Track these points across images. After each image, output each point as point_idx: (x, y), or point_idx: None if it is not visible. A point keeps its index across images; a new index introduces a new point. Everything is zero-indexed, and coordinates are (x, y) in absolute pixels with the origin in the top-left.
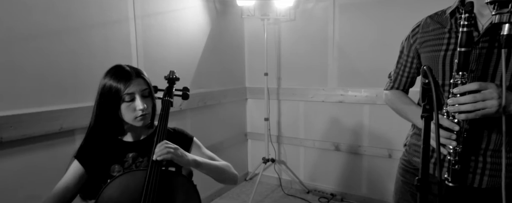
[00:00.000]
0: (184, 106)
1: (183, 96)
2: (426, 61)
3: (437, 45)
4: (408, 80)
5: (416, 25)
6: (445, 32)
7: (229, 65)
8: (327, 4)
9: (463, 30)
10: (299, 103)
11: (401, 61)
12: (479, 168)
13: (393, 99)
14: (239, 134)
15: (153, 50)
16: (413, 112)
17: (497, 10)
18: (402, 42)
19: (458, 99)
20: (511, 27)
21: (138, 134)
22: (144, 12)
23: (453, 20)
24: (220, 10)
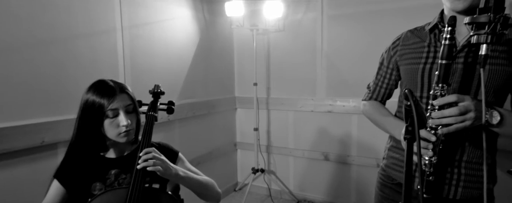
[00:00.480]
0: (172, 117)
1: (168, 111)
2: (405, 74)
3: (417, 58)
4: (387, 92)
5: (396, 38)
6: (424, 46)
7: (219, 75)
8: (316, 15)
9: (445, 43)
10: (288, 113)
11: (381, 73)
12: (454, 180)
13: (371, 110)
14: (229, 144)
15: (140, 61)
16: (390, 124)
17: (475, 31)
18: (382, 54)
19: (443, 112)
20: (488, 47)
21: (121, 150)
22: (132, 22)
23: (433, 35)
24: (209, 20)
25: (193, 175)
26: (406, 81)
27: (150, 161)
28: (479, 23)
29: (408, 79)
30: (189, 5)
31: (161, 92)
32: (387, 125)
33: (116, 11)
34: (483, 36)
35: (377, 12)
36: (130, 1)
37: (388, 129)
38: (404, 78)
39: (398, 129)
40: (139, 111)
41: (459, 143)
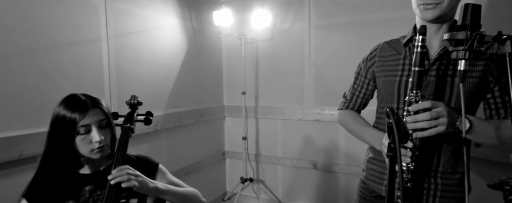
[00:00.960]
0: (159, 126)
1: (145, 122)
2: (382, 85)
3: (393, 71)
4: (363, 101)
5: (373, 49)
6: (400, 58)
7: (207, 84)
8: (303, 24)
9: (417, 51)
10: (277, 121)
11: (358, 82)
12: (431, 190)
13: (347, 119)
14: (217, 153)
15: (126, 70)
16: (371, 135)
17: (454, 47)
18: (359, 64)
19: (415, 117)
20: (466, 63)
21: (96, 165)
22: (118, 31)
23: (407, 48)
24: (197, 29)
25: (174, 188)
26: (383, 92)
27: (124, 177)
28: (457, 40)
29: (385, 91)
30: (177, 14)
31: (138, 103)
32: (366, 135)
33: (102, 20)
34: (461, 53)
35: (362, 22)
36: (117, 10)
37: (367, 140)
38: (381, 89)
39: (378, 140)
40: (114, 125)
41: (434, 154)
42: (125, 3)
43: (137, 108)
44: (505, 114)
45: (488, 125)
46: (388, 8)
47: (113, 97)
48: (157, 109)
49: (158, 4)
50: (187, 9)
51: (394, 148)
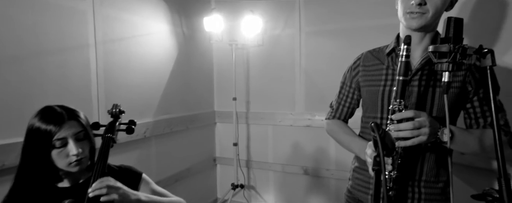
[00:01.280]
0: (148, 133)
1: (128, 131)
2: (366, 95)
3: (376, 81)
4: (349, 111)
5: (357, 58)
6: (383, 68)
7: (198, 90)
8: (294, 31)
9: (402, 60)
10: (268, 127)
11: (343, 92)
12: (415, 199)
13: (335, 129)
14: (208, 159)
15: (115, 76)
16: (357, 145)
17: (438, 59)
18: (344, 74)
19: (398, 126)
20: (450, 74)
21: (75, 178)
22: (107, 37)
23: (390, 59)
24: (188, 35)
25: (158, 198)
26: (367, 102)
27: (104, 190)
28: (441, 52)
29: (369, 100)
30: (167, 20)
31: (120, 112)
32: (352, 145)
33: (90, 26)
34: (445, 65)
35: (352, 29)
36: (105, 17)
37: (353, 149)
38: (365, 99)
39: (363, 149)
40: (92, 136)
41: (417, 163)
42: (114, 9)
43: (120, 117)
44: (484, 123)
45: (468, 134)
46: (377, 15)
47: (101, 104)
48: (147, 115)
49: (148, 11)
50: (178, 15)
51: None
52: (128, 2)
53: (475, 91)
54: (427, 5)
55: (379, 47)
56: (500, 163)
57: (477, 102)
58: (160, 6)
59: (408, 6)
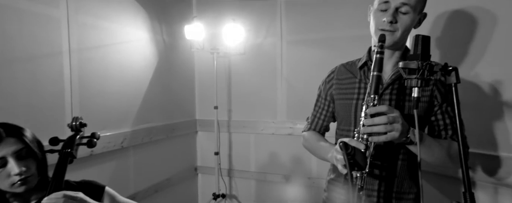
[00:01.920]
0: (126, 144)
1: (88, 145)
2: (340, 108)
3: (349, 94)
4: (324, 124)
5: (331, 71)
6: (356, 81)
7: (179, 98)
8: (275, 40)
9: (377, 56)
10: (250, 136)
11: (319, 104)
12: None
13: (309, 140)
14: (189, 168)
15: (91, 85)
16: (327, 151)
17: (408, 75)
18: (319, 86)
19: (373, 120)
20: (419, 90)
21: (26, 199)
22: (82, 45)
23: (362, 72)
24: (168, 43)
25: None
26: (341, 114)
27: (60, 200)
28: (411, 68)
29: (343, 113)
30: (147, 27)
31: (81, 125)
32: (322, 151)
33: (63, 33)
34: (414, 81)
35: (333, 39)
36: (81, 24)
37: (325, 156)
38: (339, 111)
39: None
40: (38, 152)
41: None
42: (90, 17)
43: (81, 130)
44: (445, 135)
45: (435, 141)
46: (357, 26)
47: (75, 114)
48: (125, 125)
49: (127, 18)
50: (158, 22)
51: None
52: (106, 9)
53: (439, 105)
54: (397, 23)
55: (352, 60)
56: (464, 177)
57: (441, 115)
58: (140, 13)
59: (380, 23)
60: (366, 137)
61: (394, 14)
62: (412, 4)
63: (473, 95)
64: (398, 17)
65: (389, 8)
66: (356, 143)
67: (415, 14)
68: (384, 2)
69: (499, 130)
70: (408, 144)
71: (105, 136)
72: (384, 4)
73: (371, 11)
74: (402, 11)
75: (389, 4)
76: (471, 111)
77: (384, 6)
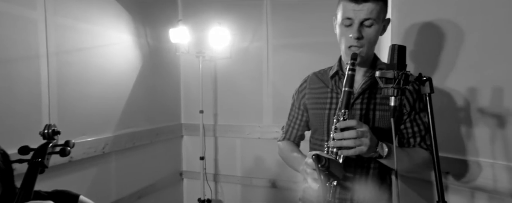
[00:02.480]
0: (107, 149)
1: (61, 153)
2: (313, 118)
3: (322, 104)
4: (299, 133)
5: (303, 81)
6: (328, 91)
7: (164, 102)
8: (261, 44)
9: (348, 73)
10: (236, 140)
11: (293, 114)
12: None
13: (283, 150)
14: (174, 173)
15: (71, 89)
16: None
17: (385, 84)
18: (293, 96)
19: (342, 134)
20: (396, 99)
21: None
22: (61, 48)
23: (334, 82)
24: (153, 46)
25: None
26: (314, 124)
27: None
28: (387, 78)
29: (316, 123)
30: (130, 30)
31: (54, 132)
32: (295, 163)
33: (40, 36)
34: (391, 90)
35: (318, 43)
36: (59, 26)
37: (297, 168)
38: (313, 121)
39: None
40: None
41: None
42: (70, 19)
43: (54, 138)
44: (414, 142)
45: (402, 151)
46: None
47: (53, 119)
48: (107, 130)
49: (109, 21)
50: (142, 25)
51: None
52: (86, 11)
53: (408, 114)
54: (363, 39)
55: (324, 68)
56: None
57: (409, 123)
58: (123, 16)
59: (347, 39)
60: (336, 151)
61: (360, 29)
62: (374, 16)
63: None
64: (363, 31)
65: (354, 24)
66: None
67: (380, 24)
68: (347, 18)
69: (466, 135)
70: (377, 158)
71: (86, 141)
72: (348, 20)
73: (335, 23)
74: (366, 24)
75: (352, 19)
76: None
77: (348, 21)
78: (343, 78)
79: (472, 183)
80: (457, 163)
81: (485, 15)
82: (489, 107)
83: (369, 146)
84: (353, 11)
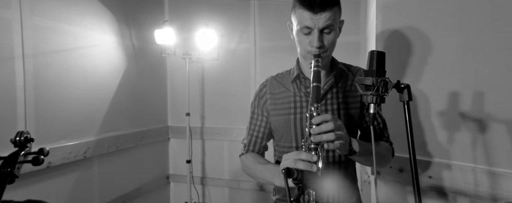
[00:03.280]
0: (89, 153)
1: (34, 162)
2: (277, 124)
3: (286, 109)
4: (263, 143)
5: (262, 86)
6: (290, 95)
7: (149, 104)
8: (249, 46)
9: (314, 70)
10: (223, 143)
11: (254, 122)
12: None
13: (249, 163)
14: (160, 177)
15: (49, 92)
16: (269, 171)
17: (364, 91)
18: (252, 103)
19: (320, 127)
20: (375, 106)
21: None
22: (39, 50)
23: (295, 85)
24: (138, 48)
25: None
26: (280, 131)
27: None
28: (366, 85)
29: (281, 130)
30: (114, 31)
31: (27, 140)
32: (265, 173)
33: (16, 37)
34: (370, 97)
35: None
36: (37, 27)
37: (266, 178)
38: (278, 128)
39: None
40: None
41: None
42: (48, 19)
43: (27, 146)
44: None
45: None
46: None
47: (29, 125)
48: (88, 134)
49: (92, 21)
50: (127, 26)
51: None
52: (67, 12)
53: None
54: (324, 46)
55: (281, 72)
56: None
57: (368, 117)
58: (106, 16)
59: (307, 48)
60: (314, 146)
61: (320, 38)
62: (332, 23)
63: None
64: (324, 39)
65: (313, 33)
66: (307, 155)
67: (337, 28)
68: (305, 27)
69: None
70: (350, 154)
71: (65, 146)
72: (307, 29)
73: (292, 30)
74: (326, 32)
75: (311, 29)
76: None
77: (307, 30)
78: (304, 81)
79: (454, 187)
80: (438, 167)
81: (467, 19)
82: (470, 111)
83: (345, 141)
84: (311, 19)
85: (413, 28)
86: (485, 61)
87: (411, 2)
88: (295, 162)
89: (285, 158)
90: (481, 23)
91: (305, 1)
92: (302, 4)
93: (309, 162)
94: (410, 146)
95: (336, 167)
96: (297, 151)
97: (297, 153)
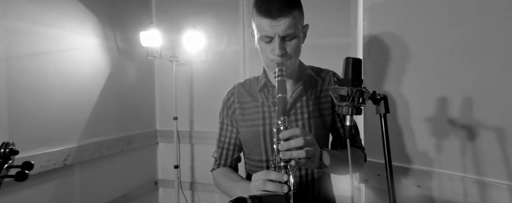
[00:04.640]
0: (70, 161)
1: (17, 178)
2: (246, 137)
3: (255, 120)
4: (235, 155)
5: (230, 94)
6: (259, 105)
7: (136, 108)
8: (238, 48)
9: (278, 79)
10: (213, 147)
11: (224, 134)
12: None
13: (220, 179)
14: (148, 182)
15: (25, 98)
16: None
17: (339, 102)
18: (220, 114)
19: (289, 143)
20: (351, 118)
21: None
22: (13, 53)
23: (263, 94)
24: (123, 50)
25: None
26: (249, 144)
27: None
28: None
29: (250, 143)
30: (97, 33)
31: (11, 152)
32: (237, 191)
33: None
34: (345, 108)
35: None
36: (10, 30)
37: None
38: (247, 140)
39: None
40: None
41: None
42: (23, 22)
43: (10, 159)
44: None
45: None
46: (320, 35)
47: (2, 131)
48: (69, 140)
49: (73, 23)
50: (111, 28)
51: None
52: (44, 14)
53: (338, 114)
54: (287, 54)
55: (249, 79)
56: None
57: (340, 123)
58: (88, 18)
59: (270, 56)
60: (284, 164)
61: (282, 45)
62: (294, 29)
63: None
64: (286, 46)
65: (274, 41)
66: (276, 175)
67: (300, 34)
68: (266, 36)
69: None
70: (321, 168)
71: (44, 153)
72: (267, 37)
73: (254, 37)
74: (287, 39)
75: (271, 37)
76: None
77: (268, 39)
78: (272, 90)
79: (443, 197)
80: (427, 176)
81: (455, 24)
82: (459, 118)
83: (316, 156)
84: (271, 27)
85: (400, 32)
86: (474, 66)
87: (399, 4)
88: (264, 183)
89: (254, 179)
90: (469, 28)
91: (262, 7)
92: (259, 11)
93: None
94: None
95: (310, 187)
96: (266, 170)
97: (266, 172)
